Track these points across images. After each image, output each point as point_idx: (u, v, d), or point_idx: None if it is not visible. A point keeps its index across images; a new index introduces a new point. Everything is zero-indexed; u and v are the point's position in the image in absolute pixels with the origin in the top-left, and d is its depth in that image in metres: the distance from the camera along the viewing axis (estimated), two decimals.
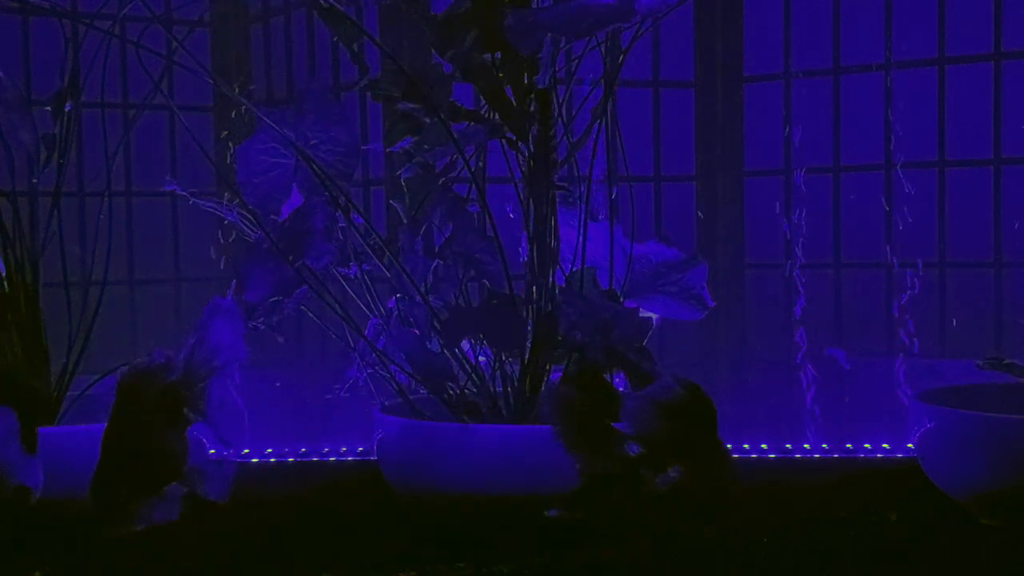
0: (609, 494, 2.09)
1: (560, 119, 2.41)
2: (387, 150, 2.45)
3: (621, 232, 2.51)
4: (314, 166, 2.38)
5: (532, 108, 2.35)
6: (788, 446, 3.34)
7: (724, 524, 2.46)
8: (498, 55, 2.34)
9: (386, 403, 2.49)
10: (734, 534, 2.38)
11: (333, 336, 2.55)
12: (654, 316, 2.50)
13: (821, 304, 3.58)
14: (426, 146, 2.42)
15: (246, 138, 2.48)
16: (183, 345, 2.23)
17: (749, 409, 3.57)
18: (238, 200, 2.47)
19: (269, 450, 3.37)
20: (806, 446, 3.34)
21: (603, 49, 2.44)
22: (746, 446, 3.31)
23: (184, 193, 2.58)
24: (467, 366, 2.44)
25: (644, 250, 2.51)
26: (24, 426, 2.16)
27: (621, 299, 2.44)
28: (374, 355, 2.47)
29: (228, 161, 3.42)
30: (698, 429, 2.09)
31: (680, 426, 2.09)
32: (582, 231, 2.43)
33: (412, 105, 2.36)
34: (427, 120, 2.37)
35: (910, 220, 3.42)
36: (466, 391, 2.42)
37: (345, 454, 3.35)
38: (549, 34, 2.26)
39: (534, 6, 2.33)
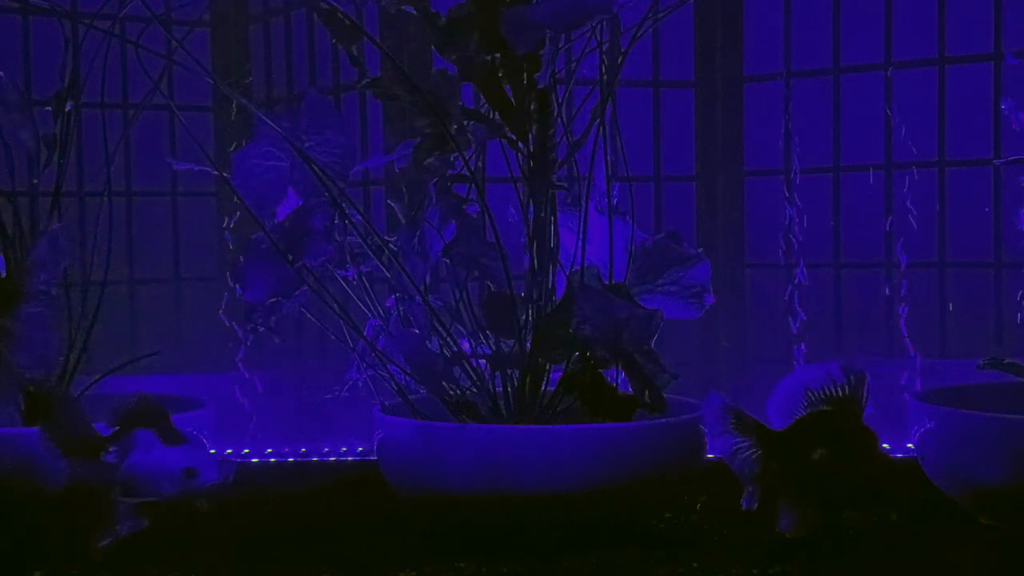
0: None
1: (560, 119, 2.42)
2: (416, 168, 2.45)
3: (628, 225, 2.50)
4: (314, 167, 2.38)
5: (533, 107, 2.35)
6: None
7: (727, 523, 2.46)
8: (498, 55, 2.35)
9: (386, 403, 2.49)
10: (736, 532, 2.38)
11: (332, 336, 2.55)
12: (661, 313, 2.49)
13: (821, 304, 3.58)
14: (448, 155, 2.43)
15: (245, 141, 2.48)
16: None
17: (749, 409, 3.57)
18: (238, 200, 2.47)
19: (269, 450, 3.37)
20: None
21: (603, 49, 2.44)
22: None
23: (185, 167, 2.57)
24: (467, 366, 2.44)
25: (651, 245, 2.50)
26: (159, 428, 2.19)
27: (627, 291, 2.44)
28: (374, 355, 2.47)
29: (224, 150, 3.42)
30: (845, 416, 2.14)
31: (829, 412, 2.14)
32: (582, 230, 2.43)
33: (429, 119, 2.36)
34: (447, 133, 2.37)
35: (910, 220, 3.42)
36: (466, 391, 2.42)
37: (345, 454, 3.35)
38: (545, 30, 2.26)
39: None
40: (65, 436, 2.19)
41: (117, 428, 2.19)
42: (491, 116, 2.40)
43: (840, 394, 2.14)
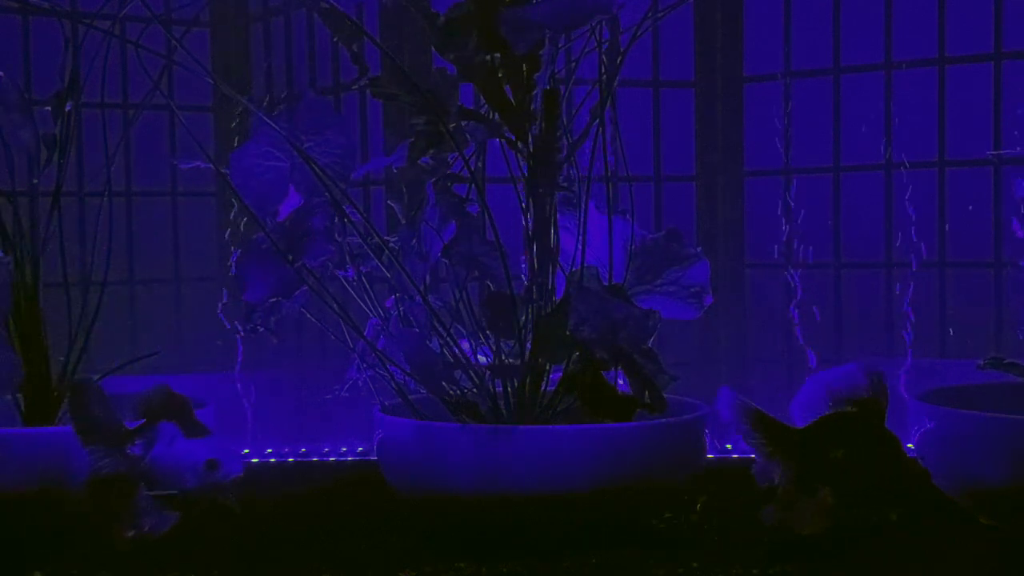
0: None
1: (560, 118, 2.41)
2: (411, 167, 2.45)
3: (628, 224, 2.50)
4: (314, 166, 2.38)
5: (532, 107, 2.35)
6: None
7: (727, 523, 2.46)
8: (498, 55, 2.35)
9: (386, 403, 2.49)
10: (736, 532, 2.38)
11: (332, 337, 2.55)
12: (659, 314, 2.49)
13: (821, 304, 3.58)
14: (446, 155, 2.43)
15: (241, 142, 2.48)
16: None
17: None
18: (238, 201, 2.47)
19: (269, 450, 3.37)
20: None
21: (602, 49, 2.44)
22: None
23: (191, 165, 2.57)
24: (467, 366, 2.44)
25: (651, 244, 2.50)
26: (183, 423, 2.20)
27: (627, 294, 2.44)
28: (374, 355, 2.47)
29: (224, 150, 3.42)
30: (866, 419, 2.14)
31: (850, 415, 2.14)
32: (582, 230, 2.44)
33: (425, 117, 2.36)
34: (444, 130, 2.37)
35: (910, 220, 3.42)
36: (466, 391, 2.42)
37: (345, 454, 3.35)
38: (543, 31, 2.26)
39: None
40: (92, 428, 2.19)
41: (142, 421, 2.19)
42: (491, 116, 2.40)
43: (863, 395, 2.14)
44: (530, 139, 2.37)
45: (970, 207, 3.38)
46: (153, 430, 2.19)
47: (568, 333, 2.28)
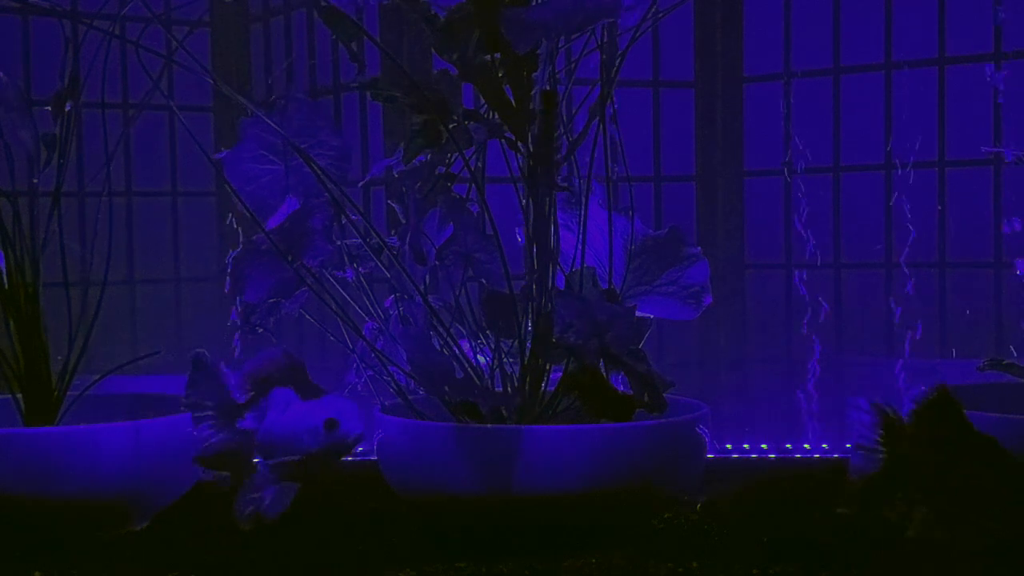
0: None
1: (560, 118, 2.41)
2: (406, 166, 2.44)
3: (629, 223, 2.50)
4: (315, 167, 2.38)
5: (532, 107, 2.35)
6: (788, 446, 3.33)
7: (727, 523, 2.46)
8: (498, 55, 2.34)
9: (386, 403, 2.49)
10: (736, 532, 2.38)
11: (332, 338, 2.55)
12: (651, 317, 2.50)
13: (821, 304, 3.58)
14: (447, 156, 2.43)
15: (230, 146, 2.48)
16: None
17: (749, 409, 3.57)
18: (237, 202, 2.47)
19: None
20: (806, 446, 3.34)
21: (602, 49, 2.44)
22: (746, 446, 3.31)
23: (220, 155, 2.56)
24: (467, 366, 2.44)
25: (651, 243, 2.50)
26: (296, 383, 2.15)
27: (619, 299, 2.44)
28: (373, 357, 2.47)
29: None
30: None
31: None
32: (582, 229, 2.44)
33: (426, 116, 2.35)
34: (444, 129, 2.36)
35: (910, 220, 3.43)
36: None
37: None
38: (544, 32, 2.26)
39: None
40: (204, 403, 2.15)
41: (253, 393, 2.15)
42: (490, 116, 2.40)
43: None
44: (530, 139, 2.36)
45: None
46: (265, 399, 2.14)
47: (554, 340, 2.28)
